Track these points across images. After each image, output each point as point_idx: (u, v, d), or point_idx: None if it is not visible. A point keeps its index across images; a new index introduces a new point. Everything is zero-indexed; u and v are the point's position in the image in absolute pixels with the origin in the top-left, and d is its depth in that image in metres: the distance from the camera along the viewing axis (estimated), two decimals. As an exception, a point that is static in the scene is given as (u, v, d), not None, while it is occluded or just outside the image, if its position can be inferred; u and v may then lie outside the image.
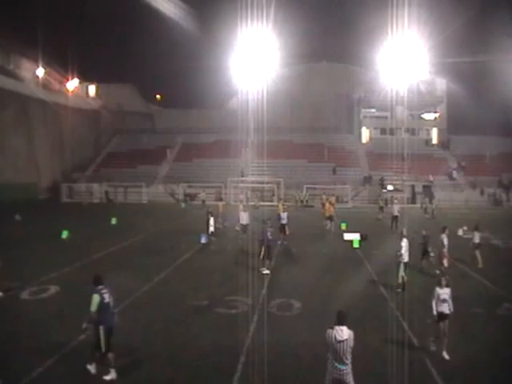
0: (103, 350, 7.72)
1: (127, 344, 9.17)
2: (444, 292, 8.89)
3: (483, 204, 42.20)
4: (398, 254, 13.16)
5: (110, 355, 7.81)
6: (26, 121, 45.43)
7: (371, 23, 37.39)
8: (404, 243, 13.22)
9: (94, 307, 7.72)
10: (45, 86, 50.30)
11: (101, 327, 7.73)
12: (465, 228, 23.82)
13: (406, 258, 13.10)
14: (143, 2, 38.78)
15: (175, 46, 59.50)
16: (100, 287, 7.97)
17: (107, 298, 7.92)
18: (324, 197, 37.68)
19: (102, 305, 7.80)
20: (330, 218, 25.08)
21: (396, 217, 25.33)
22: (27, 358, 8.39)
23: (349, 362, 6.29)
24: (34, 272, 14.22)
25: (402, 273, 12.93)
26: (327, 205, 26.02)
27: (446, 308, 8.83)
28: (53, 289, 12.65)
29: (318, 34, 54.56)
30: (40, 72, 50.51)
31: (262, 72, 39.66)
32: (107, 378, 7.71)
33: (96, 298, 7.76)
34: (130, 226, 26.00)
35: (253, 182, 42.83)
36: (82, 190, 46.72)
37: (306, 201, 40.54)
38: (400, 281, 12.89)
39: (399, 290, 12.70)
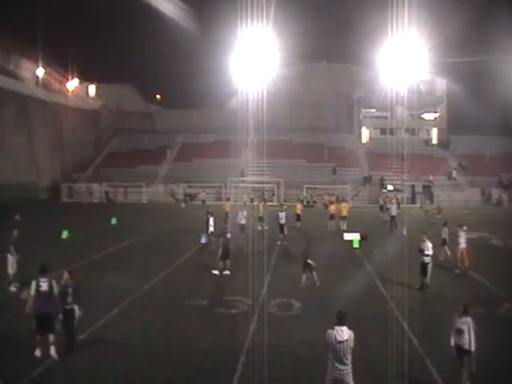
0: (35, 331, 8.41)
1: (127, 344, 9.18)
2: (461, 321, 7.30)
3: (483, 204, 42.22)
4: (426, 253, 12.96)
5: (51, 337, 8.42)
6: (25, 121, 45.45)
7: (371, 23, 37.39)
8: (429, 244, 13.07)
9: (31, 291, 8.65)
10: (45, 86, 50.32)
11: (32, 312, 8.48)
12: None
13: (427, 259, 13.00)
14: (143, 2, 38.78)
15: (175, 46, 59.42)
16: (41, 276, 8.72)
17: (44, 286, 8.59)
18: (326, 197, 37.62)
19: (38, 292, 8.57)
20: (332, 217, 25.34)
21: (394, 217, 25.38)
22: (27, 358, 8.39)
23: (349, 362, 6.28)
24: (33, 272, 14.18)
25: (429, 273, 12.95)
26: (342, 204, 26.29)
27: (464, 341, 7.24)
28: (53, 289, 12.63)
29: (318, 33, 54.54)
30: (40, 72, 50.51)
31: (262, 72, 39.63)
32: (37, 354, 8.35)
33: (33, 285, 8.67)
34: (129, 226, 25.99)
35: (253, 182, 42.84)
36: (82, 190, 46.75)
37: (314, 201, 40.52)
38: (427, 281, 12.95)
39: (423, 289, 12.87)
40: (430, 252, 12.98)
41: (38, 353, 8.39)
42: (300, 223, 25.41)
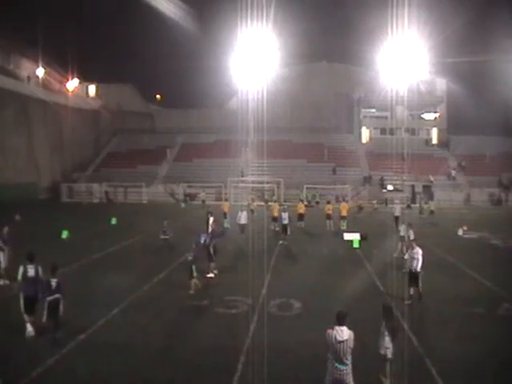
0: (22, 312, 9.33)
1: (127, 344, 9.18)
2: (382, 327, 7.41)
3: (483, 204, 42.25)
4: (416, 257, 11.90)
5: (31, 317, 9.36)
6: (25, 121, 45.44)
7: (371, 23, 37.39)
8: (419, 250, 12.06)
9: (19, 277, 9.73)
10: (45, 85, 50.33)
11: (21, 294, 9.47)
12: (465, 228, 23.88)
13: (417, 268, 11.89)
14: (143, 2, 38.77)
15: (175, 45, 59.59)
16: (28, 263, 9.69)
17: (31, 272, 9.62)
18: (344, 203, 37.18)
19: (25, 277, 9.60)
20: (329, 217, 25.40)
21: (397, 217, 24.87)
22: (27, 358, 8.39)
23: (349, 362, 6.28)
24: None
25: (421, 282, 11.86)
26: (342, 204, 26.33)
27: (380, 345, 7.38)
28: (53, 289, 12.64)
29: (318, 33, 54.60)
30: (40, 72, 50.52)
31: (262, 72, 39.62)
32: (31, 334, 9.33)
33: (20, 270, 9.70)
34: (129, 226, 25.98)
35: (253, 182, 42.82)
36: (82, 190, 46.74)
37: (317, 202, 40.56)
38: (411, 292, 11.82)
39: (412, 300, 11.67)
40: (419, 258, 11.89)
41: (29, 329, 9.30)
42: (303, 223, 25.46)
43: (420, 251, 12.09)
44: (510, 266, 16.68)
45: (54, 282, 9.22)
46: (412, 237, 15.27)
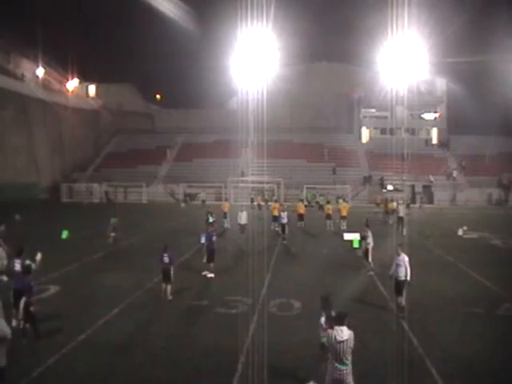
0: (11, 304, 9.45)
1: (127, 344, 9.17)
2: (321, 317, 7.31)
3: (483, 204, 42.27)
4: (398, 267, 10.89)
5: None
6: (25, 121, 45.44)
7: (371, 23, 37.42)
8: (405, 257, 10.91)
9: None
10: (45, 85, 50.35)
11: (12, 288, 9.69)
12: (465, 228, 23.88)
13: (402, 275, 10.85)
14: (143, 2, 38.74)
15: (175, 45, 59.46)
16: (16, 257, 10.30)
17: (17, 266, 10.20)
18: (379, 197, 36.31)
19: (13, 271, 10.22)
20: (329, 217, 25.41)
21: (402, 218, 24.24)
22: (27, 358, 8.39)
23: (349, 362, 6.28)
24: (33, 272, 14.19)
25: (405, 292, 10.87)
26: (342, 204, 26.34)
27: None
28: (53, 289, 12.65)
29: (318, 33, 54.58)
30: (40, 72, 50.53)
31: (262, 72, 39.62)
32: (13, 324, 9.30)
33: (10, 265, 10.40)
34: (130, 226, 25.94)
35: (253, 182, 42.82)
36: (81, 190, 46.75)
37: (317, 202, 40.55)
38: (401, 303, 10.84)
39: (401, 311, 10.71)
40: (407, 266, 10.82)
41: (14, 323, 9.33)
42: (303, 223, 25.50)
43: (406, 258, 10.86)
44: (510, 265, 16.68)
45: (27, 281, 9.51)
46: (370, 236, 15.11)
